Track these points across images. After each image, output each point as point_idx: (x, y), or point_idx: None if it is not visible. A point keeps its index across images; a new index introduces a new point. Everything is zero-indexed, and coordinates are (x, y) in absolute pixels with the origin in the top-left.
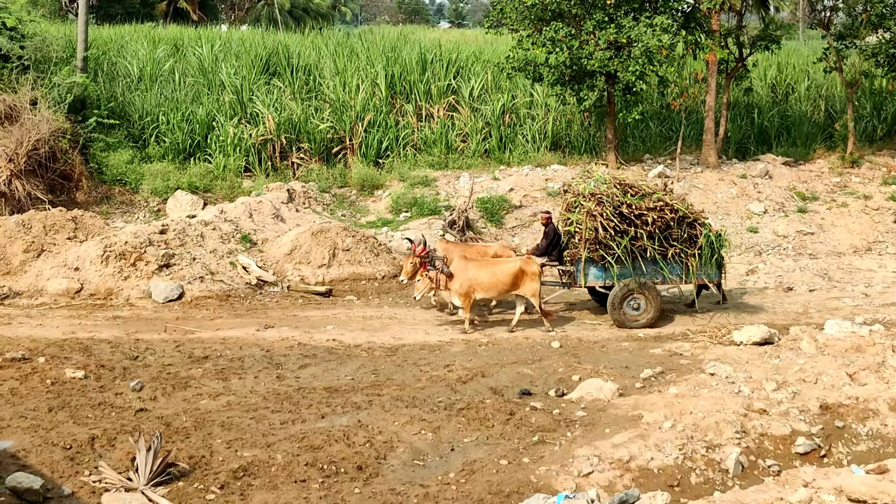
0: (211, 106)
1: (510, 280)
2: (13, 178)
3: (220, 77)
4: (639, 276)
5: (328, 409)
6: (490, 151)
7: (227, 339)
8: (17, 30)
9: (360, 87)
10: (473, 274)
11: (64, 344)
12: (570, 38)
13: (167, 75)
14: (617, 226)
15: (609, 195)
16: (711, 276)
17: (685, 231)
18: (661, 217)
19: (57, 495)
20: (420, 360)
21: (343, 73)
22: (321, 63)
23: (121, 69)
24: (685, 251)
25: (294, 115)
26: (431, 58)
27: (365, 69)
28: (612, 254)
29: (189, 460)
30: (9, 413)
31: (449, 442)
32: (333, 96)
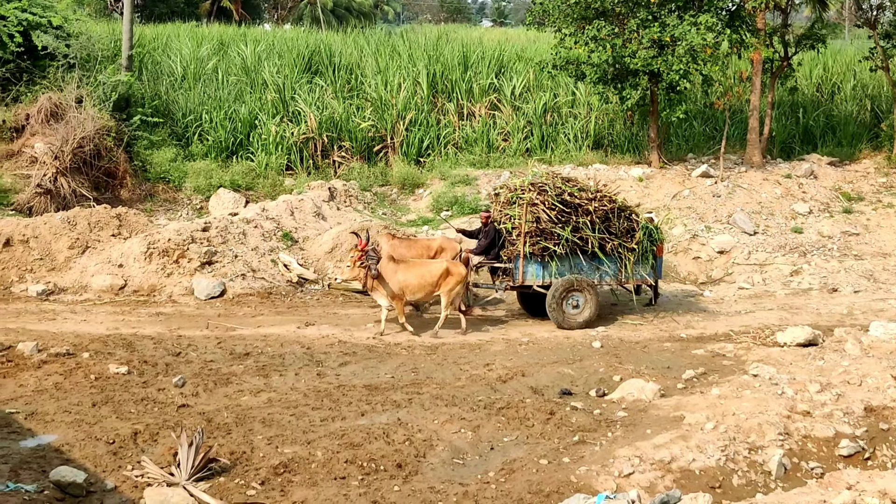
0: (253, 104)
1: (436, 281)
2: (59, 175)
3: (262, 76)
4: (576, 272)
5: (368, 407)
6: (531, 150)
7: (269, 337)
8: (62, 28)
9: (402, 86)
10: (403, 277)
11: (108, 340)
12: (613, 36)
13: (210, 74)
14: (560, 213)
15: (551, 184)
16: (648, 275)
17: (623, 223)
18: (600, 207)
19: (100, 489)
20: (460, 358)
21: (385, 72)
22: (363, 62)
23: (165, 68)
24: (624, 245)
25: (336, 114)
26: (473, 56)
27: (407, 68)
28: (555, 243)
29: (230, 456)
30: (53, 408)
31: (489, 441)
32: (375, 95)
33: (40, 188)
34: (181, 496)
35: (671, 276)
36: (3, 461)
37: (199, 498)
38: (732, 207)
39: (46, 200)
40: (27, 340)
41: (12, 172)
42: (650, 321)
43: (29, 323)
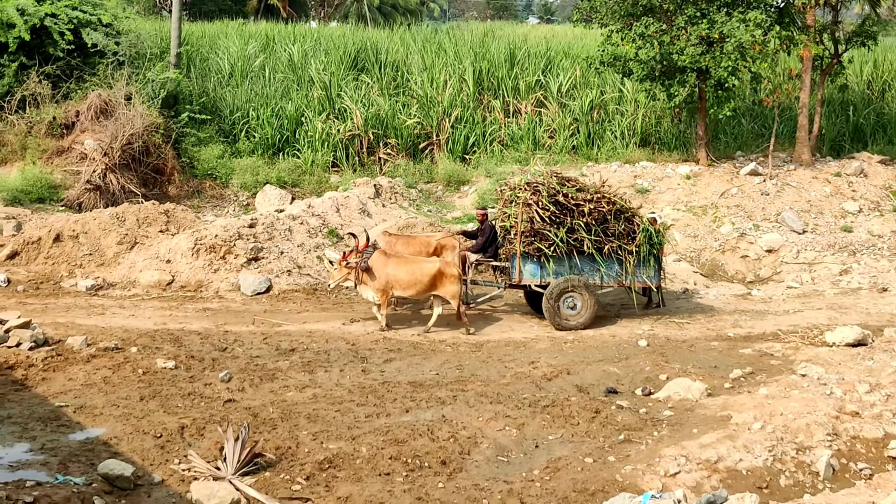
0: (300, 102)
1: (428, 280)
2: (108, 171)
3: (309, 73)
4: (576, 273)
5: (412, 404)
6: (578, 148)
7: (314, 333)
8: (112, 26)
9: (448, 83)
10: (392, 271)
11: (155, 334)
12: (661, 33)
13: (257, 71)
14: (553, 215)
15: (545, 185)
16: (650, 279)
17: (622, 225)
18: (597, 208)
19: (147, 482)
20: (505, 356)
21: (431, 69)
22: (409, 59)
23: (212, 65)
24: (623, 247)
25: (381, 111)
26: (520, 53)
27: (452, 65)
28: (549, 245)
29: (276, 451)
30: (101, 401)
31: (533, 439)
32: (421, 92)
33: (90, 184)
34: (227, 490)
35: (719, 274)
36: (53, 454)
37: (244, 492)
38: (781, 206)
39: (96, 196)
40: (76, 335)
41: (62, 169)
42: (697, 320)
43: (78, 317)
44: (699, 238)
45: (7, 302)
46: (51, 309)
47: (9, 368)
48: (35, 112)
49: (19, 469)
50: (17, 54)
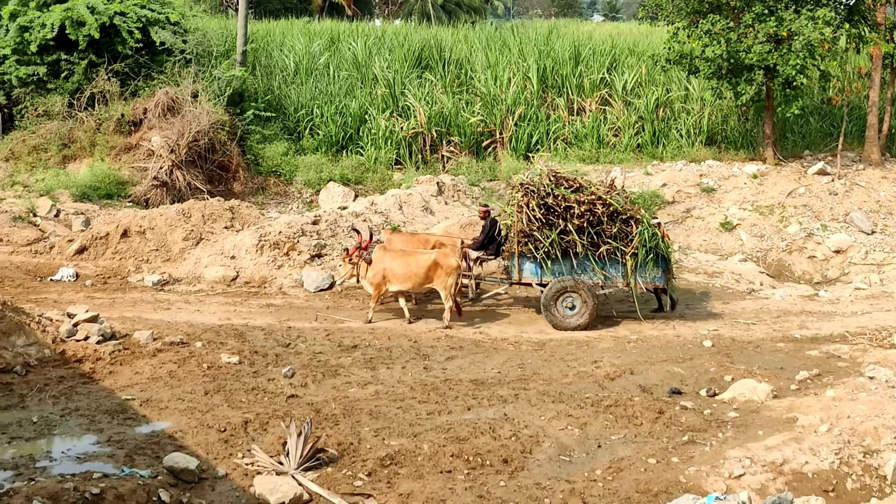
0: (364, 99)
1: (424, 273)
2: (174, 168)
3: (373, 71)
4: (577, 273)
5: (474, 402)
6: (642, 146)
7: (376, 330)
8: (180, 25)
9: (512, 81)
10: (388, 264)
11: (220, 330)
12: (728, 30)
13: (322, 69)
14: (542, 217)
15: (538, 186)
16: (655, 280)
17: (618, 227)
18: (589, 210)
19: (211, 476)
20: (567, 355)
21: (494, 67)
22: (473, 57)
23: (277, 63)
24: (620, 249)
25: (445, 109)
26: (585, 51)
27: (517, 63)
28: (540, 247)
29: (338, 447)
30: (167, 395)
31: (596, 438)
32: (484, 90)
33: (156, 181)
34: (290, 485)
35: (785, 274)
36: (119, 446)
37: (307, 487)
38: (849, 206)
39: (162, 193)
40: (143, 329)
41: (130, 165)
42: (763, 321)
43: (145, 312)
44: (765, 238)
45: (75, 296)
46: (118, 303)
47: (77, 361)
48: (104, 109)
49: (87, 461)
50: (86, 52)
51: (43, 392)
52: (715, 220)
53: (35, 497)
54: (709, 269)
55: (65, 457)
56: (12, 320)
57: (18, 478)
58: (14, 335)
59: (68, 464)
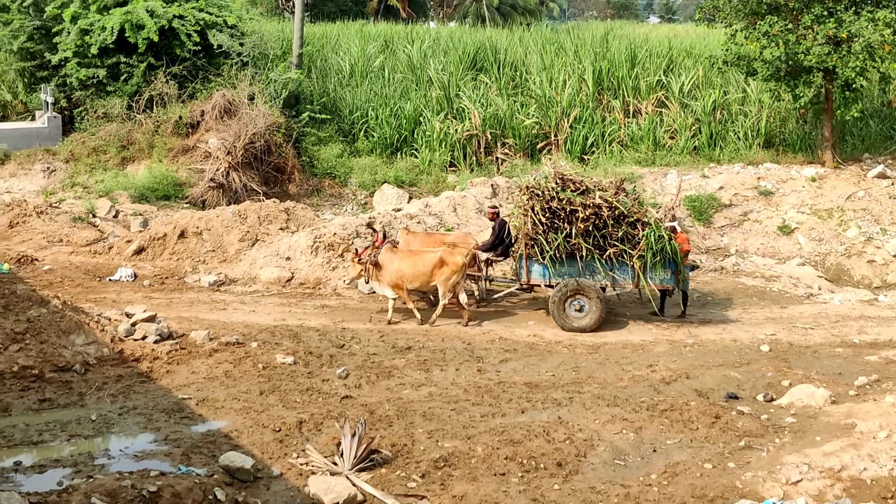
0: (418, 101)
1: (430, 270)
2: (231, 170)
3: (427, 73)
4: (586, 275)
5: (528, 405)
6: (699, 148)
7: (430, 332)
8: (237, 28)
9: (567, 83)
10: (398, 265)
11: (275, 330)
12: (787, 32)
13: (377, 71)
14: (547, 221)
15: (543, 189)
16: (664, 282)
17: (624, 230)
18: (594, 214)
19: (266, 475)
20: (622, 358)
21: (550, 69)
22: (528, 59)
23: (333, 65)
24: (627, 252)
25: (500, 111)
26: (641, 53)
27: (572, 65)
28: (546, 250)
29: (391, 448)
30: (223, 395)
31: (651, 443)
32: (539, 92)
33: (213, 182)
34: (344, 485)
35: (844, 279)
36: (176, 445)
37: (361, 488)
38: None
39: (219, 194)
40: (199, 329)
41: (187, 167)
42: (821, 325)
43: (201, 312)
44: (824, 242)
45: (134, 296)
46: (175, 303)
47: (135, 361)
48: (162, 111)
49: (144, 459)
50: (145, 55)
51: (101, 390)
52: (773, 223)
53: (94, 494)
54: (766, 273)
55: (123, 454)
56: (72, 319)
57: (77, 475)
58: (74, 334)
59: (126, 461)
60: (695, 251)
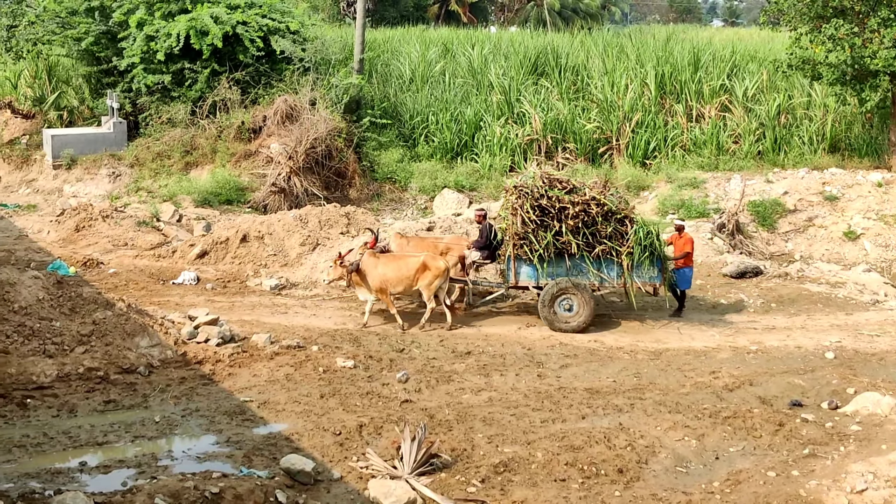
0: (479, 106)
1: (413, 275)
2: (292, 174)
3: (488, 78)
4: (574, 274)
5: (589, 410)
6: (763, 153)
7: (490, 336)
8: (299, 33)
9: (629, 87)
10: (382, 270)
11: (335, 334)
12: (853, 35)
13: (437, 76)
14: (537, 219)
15: (531, 188)
16: (652, 279)
17: (613, 227)
18: (583, 211)
19: (327, 478)
20: (684, 365)
21: (611, 73)
22: (589, 63)
23: (394, 70)
24: (616, 249)
25: (560, 115)
26: (704, 57)
27: (634, 69)
28: (535, 249)
29: (451, 452)
30: (284, 398)
31: (713, 450)
32: (601, 96)
33: (275, 187)
34: (404, 489)
35: None
36: (238, 447)
37: (420, 492)
38: None
39: (280, 199)
40: (261, 332)
41: (249, 171)
42: (888, 332)
43: (263, 315)
44: (890, 248)
45: (196, 299)
46: (237, 307)
47: (198, 363)
48: (225, 117)
49: (206, 460)
50: (209, 61)
51: (165, 392)
52: (838, 229)
53: (157, 495)
54: (831, 280)
55: (185, 456)
56: (137, 322)
57: (141, 476)
58: (138, 336)
59: (189, 463)
60: (759, 256)
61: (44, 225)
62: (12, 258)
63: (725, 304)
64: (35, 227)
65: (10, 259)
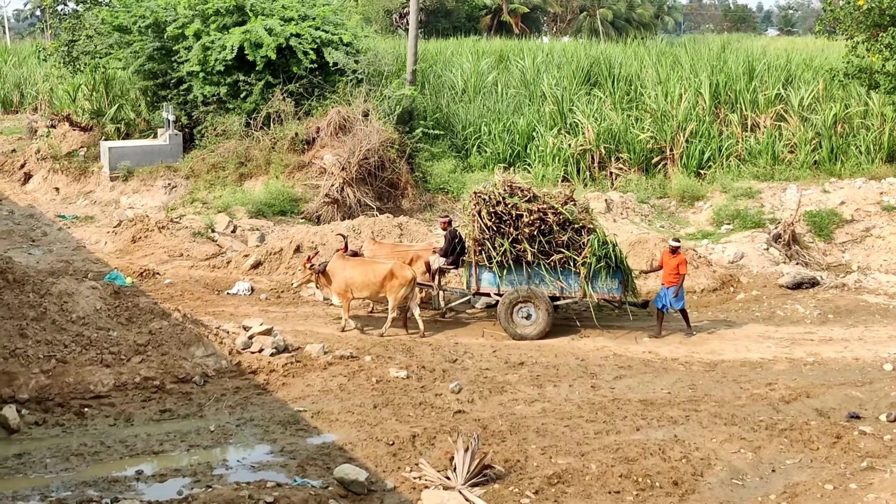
0: (531, 116)
1: (380, 281)
2: (345, 185)
3: (541, 88)
4: (534, 283)
5: (643, 422)
6: (820, 163)
7: (543, 347)
8: (352, 45)
9: (683, 97)
10: (349, 274)
11: (388, 344)
12: None
13: (490, 87)
14: (493, 226)
15: (489, 195)
16: (612, 291)
17: (569, 236)
18: (540, 219)
19: (380, 488)
20: (740, 376)
21: (665, 83)
22: (643, 73)
23: (446, 81)
24: (573, 259)
25: (614, 125)
26: (759, 66)
27: (688, 78)
28: (491, 256)
29: (504, 463)
30: (337, 408)
31: (770, 462)
32: (654, 106)
33: (328, 198)
34: (457, 500)
35: None
36: (291, 456)
37: (474, 503)
38: None
39: (333, 209)
40: (315, 342)
41: (303, 182)
42: None
43: (316, 326)
44: None
45: (251, 309)
46: (290, 317)
47: (252, 373)
48: (279, 129)
49: (261, 470)
50: (263, 73)
51: (220, 402)
52: None
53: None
54: (889, 290)
55: (240, 465)
56: (192, 332)
57: (197, 484)
58: (193, 346)
59: (243, 472)
60: (815, 267)
61: (101, 236)
62: (70, 269)
63: (781, 315)
64: (92, 239)
65: (68, 270)
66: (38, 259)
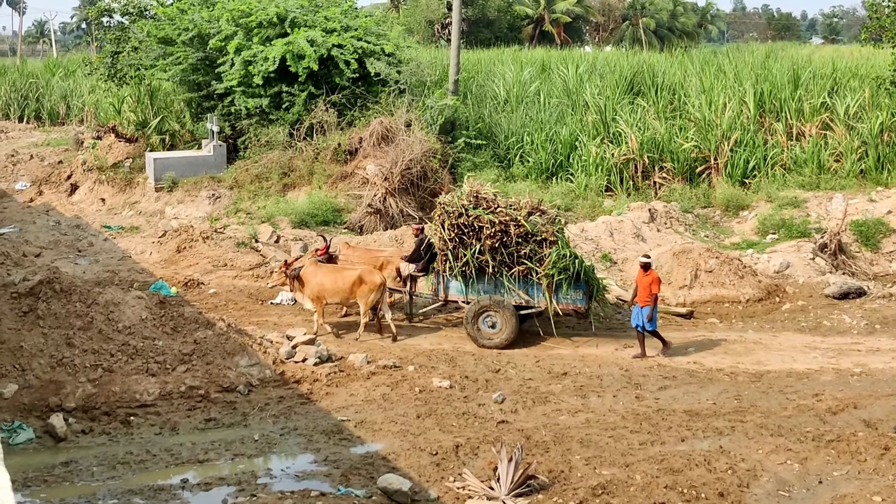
0: (574, 126)
1: (349, 287)
2: (388, 195)
3: (583, 97)
4: (501, 292)
5: (688, 433)
6: (866, 172)
7: (586, 357)
8: (394, 56)
9: (727, 106)
10: (321, 279)
11: (431, 354)
12: None
13: (532, 97)
14: (456, 237)
15: (453, 206)
16: (576, 302)
17: (531, 248)
18: (502, 231)
19: (424, 498)
20: (786, 387)
21: (709, 92)
22: (686, 82)
23: (488, 91)
24: (534, 270)
25: (657, 135)
26: (804, 74)
27: (732, 87)
28: (455, 265)
29: (548, 474)
30: (380, 417)
31: (816, 474)
32: (698, 115)
33: (370, 208)
34: None
35: None
36: (335, 466)
37: None
38: None
39: (376, 219)
40: (357, 352)
41: (345, 193)
42: None
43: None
44: None
45: (294, 319)
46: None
47: (296, 382)
48: (321, 139)
49: (304, 479)
50: (305, 84)
51: (264, 411)
52: None
53: None
54: None
55: (284, 474)
56: (236, 342)
57: (241, 493)
58: (238, 356)
59: (287, 481)
60: (862, 277)
61: (146, 246)
62: (116, 279)
63: (828, 325)
64: (138, 249)
65: (114, 279)
66: (84, 269)
